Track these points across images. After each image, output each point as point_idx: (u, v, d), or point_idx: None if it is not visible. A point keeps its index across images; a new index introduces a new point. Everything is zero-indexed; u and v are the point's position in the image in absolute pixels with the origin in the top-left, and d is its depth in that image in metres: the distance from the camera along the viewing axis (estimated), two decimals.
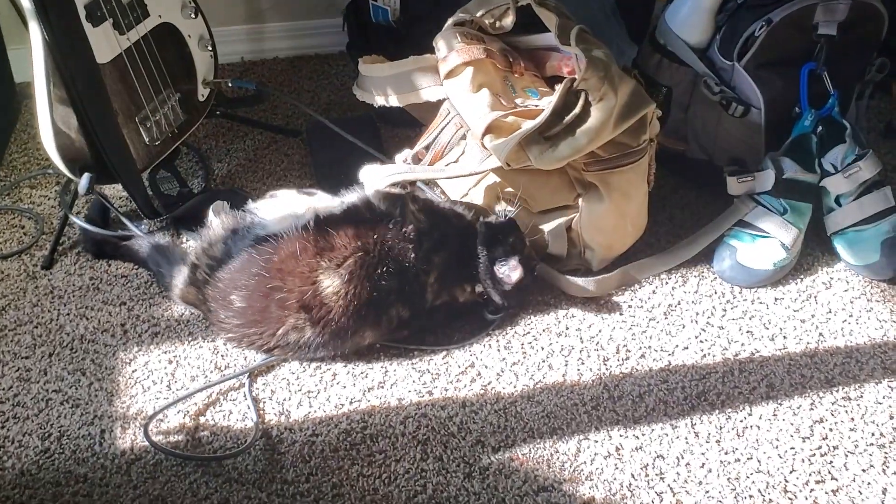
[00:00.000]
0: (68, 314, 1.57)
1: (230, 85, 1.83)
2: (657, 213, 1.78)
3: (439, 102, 1.65)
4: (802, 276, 1.69)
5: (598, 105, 1.46)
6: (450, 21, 1.67)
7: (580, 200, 1.59)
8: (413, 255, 1.46)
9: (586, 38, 1.55)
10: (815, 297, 1.65)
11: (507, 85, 1.59)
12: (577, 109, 1.47)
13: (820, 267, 1.72)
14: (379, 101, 1.69)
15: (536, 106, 1.54)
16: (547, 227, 1.61)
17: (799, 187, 1.67)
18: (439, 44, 1.62)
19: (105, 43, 1.56)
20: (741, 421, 1.43)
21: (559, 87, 1.49)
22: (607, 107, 1.47)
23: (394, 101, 1.69)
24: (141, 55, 1.64)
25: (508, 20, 1.66)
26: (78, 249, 1.69)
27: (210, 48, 1.80)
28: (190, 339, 1.53)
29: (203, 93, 1.82)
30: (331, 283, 1.42)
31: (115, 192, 1.78)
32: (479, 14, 1.65)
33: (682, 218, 1.80)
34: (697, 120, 1.81)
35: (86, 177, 1.60)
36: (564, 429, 1.41)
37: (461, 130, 1.58)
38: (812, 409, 1.45)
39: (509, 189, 1.59)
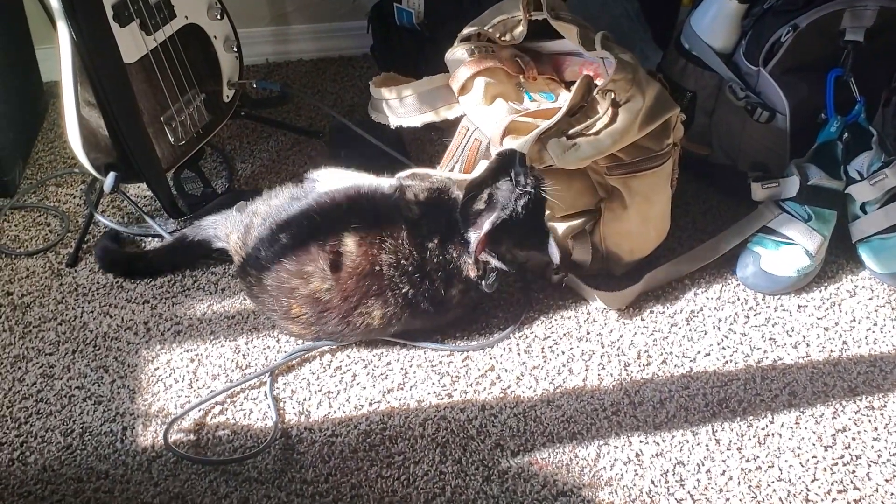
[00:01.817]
0: (92, 311, 1.58)
1: (255, 86, 1.84)
2: (680, 218, 1.77)
3: (458, 119, 1.64)
4: (826, 284, 1.68)
5: (625, 106, 1.46)
6: (458, 37, 1.66)
7: (602, 205, 1.59)
8: (417, 241, 1.45)
9: (610, 44, 1.55)
10: (839, 304, 1.64)
11: (520, 91, 1.60)
12: (604, 111, 1.46)
13: (844, 275, 1.70)
14: (394, 122, 1.69)
15: (553, 107, 1.53)
16: (570, 233, 1.60)
17: (824, 194, 1.66)
18: (449, 61, 1.63)
19: (132, 43, 1.58)
20: (763, 429, 1.42)
21: (575, 85, 1.48)
22: (634, 109, 1.46)
23: (410, 121, 1.68)
24: (167, 55, 1.65)
25: (518, 31, 1.66)
26: None
27: (235, 49, 1.82)
28: (212, 337, 1.54)
29: (228, 94, 1.83)
30: (349, 243, 1.43)
31: (139, 191, 1.79)
32: (487, 27, 1.65)
33: (705, 223, 1.79)
34: (722, 125, 1.80)
35: (111, 175, 1.62)
36: (584, 434, 1.40)
37: (484, 144, 1.57)
38: (835, 417, 1.44)
39: None
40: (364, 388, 1.47)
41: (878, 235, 1.67)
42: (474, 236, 1.42)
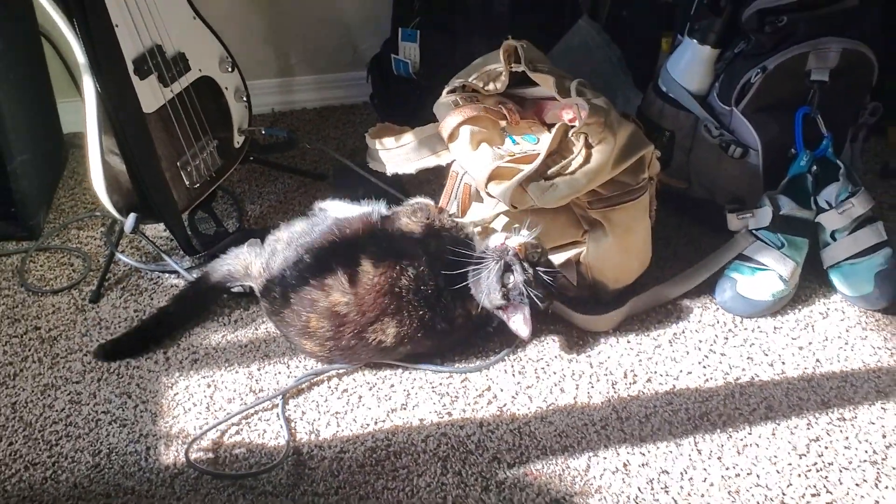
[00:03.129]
0: None
1: (263, 132, 1.97)
2: (662, 249, 1.90)
3: (450, 165, 1.77)
4: (800, 307, 1.80)
5: (597, 147, 1.59)
6: (445, 90, 1.80)
7: (586, 237, 1.71)
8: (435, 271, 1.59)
9: (585, 90, 1.68)
10: (813, 326, 1.75)
11: (504, 135, 1.72)
12: (578, 152, 1.59)
13: (817, 298, 1.82)
14: (391, 169, 1.82)
15: (534, 150, 1.66)
16: (557, 262, 1.71)
17: (795, 223, 1.78)
18: (438, 111, 1.76)
19: (150, 94, 1.71)
20: (741, 439, 1.52)
21: (545, 138, 1.61)
22: (606, 149, 1.59)
23: (405, 169, 1.81)
24: (182, 105, 1.78)
25: (500, 83, 1.79)
26: (123, 284, 1.82)
27: (245, 99, 1.95)
28: (227, 365, 1.65)
29: (238, 140, 1.96)
30: (366, 265, 1.57)
31: (155, 232, 1.91)
32: (472, 78, 1.78)
33: (686, 253, 1.91)
34: (699, 161, 1.93)
35: (132, 216, 1.74)
36: (575, 446, 1.51)
37: (474, 186, 1.70)
38: (809, 428, 1.55)
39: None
40: (370, 408, 1.57)
41: (848, 261, 1.78)
42: (522, 331, 1.57)
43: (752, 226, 1.80)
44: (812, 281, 1.85)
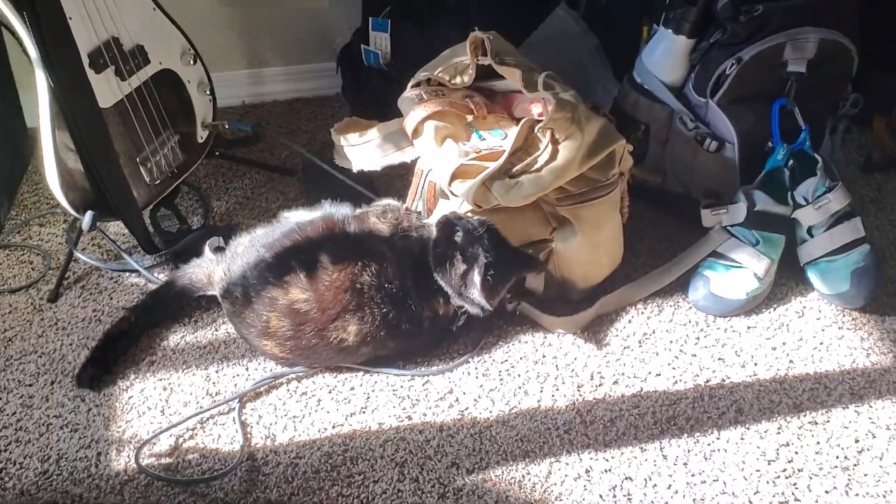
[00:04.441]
0: (71, 344, 1.65)
1: (227, 127, 1.92)
2: (636, 245, 1.85)
3: (415, 162, 1.72)
4: (776, 306, 1.75)
5: (564, 143, 1.54)
6: (410, 84, 1.75)
7: (555, 234, 1.66)
8: (401, 269, 1.56)
9: (553, 83, 1.63)
10: (788, 325, 1.71)
11: (470, 130, 1.68)
12: (544, 148, 1.54)
13: (793, 296, 1.77)
14: (356, 166, 1.77)
15: (500, 147, 1.61)
16: None
17: (771, 219, 1.73)
18: (402, 106, 1.71)
19: (107, 88, 1.66)
20: (709, 444, 1.48)
21: (513, 132, 1.56)
22: (574, 145, 1.54)
23: (370, 166, 1.75)
24: (142, 99, 1.74)
25: (467, 77, 1.74)
26: (83, 283, 1.78)
27: (208, 92, 1.90)
28: (184, 367, 1.61)
29: (202, 135, 1.92)
30: (325, 261, 1.53)
31: (118, 229, 1.87)
32: (437, 72, 1.73)
33: (660, 249, 1.86)
34: (674, 155, 1.88)
35: (89, 214, 1.70)
36: (537, 452, 1.47)
37: (440, 184, 1.65)
38: (779, 433, 1.50)
39: None
40: (328, 412, 1.53)
41: (825, 258, 1.73)
42: (475, 293, 1.52)
43: (726, 222, 1.75)
44: (788, 278, 1.80)
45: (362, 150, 1.76)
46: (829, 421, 1.53)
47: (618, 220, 1.72)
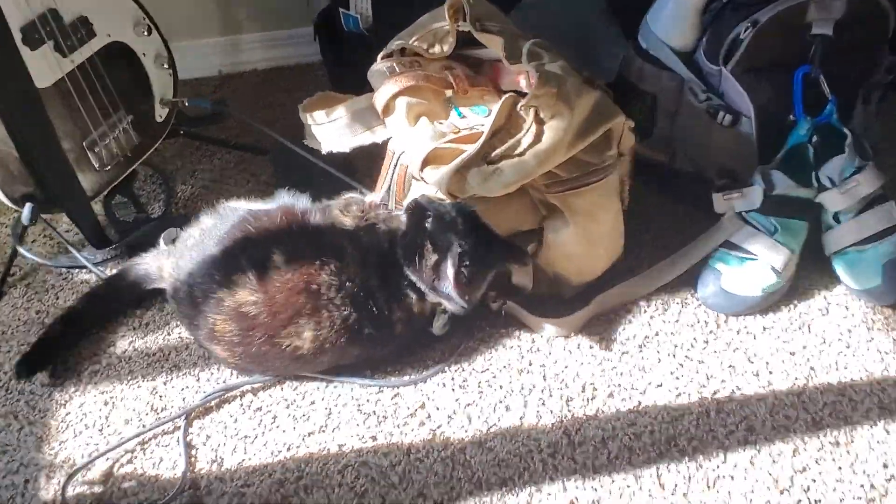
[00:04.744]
0: (9, 351, 1.50)
1: (187, 104, 1.75)
2: (640, 233, 1.65)
3: (387, 142, 1.53)
4: (796, 302, 1.54)
5: (549, 123, 1.34)
6: (380, 54, 1.55)
7: (544, 224, 1.47)
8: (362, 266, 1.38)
9: (540, 52, 1.42)
10: (809, 325, 1.50)
11: (448, 107, 1.48)
12: (527, 129, 1.34)
13: (816, 291, 1.56)
14: (326, 147, 1.57)
15: (482, 126, 1.42)
16: None
17: (792, 204, 1.52)
18: (372, 80, 1.52)
19: (45, 67, 1.49)
20: (713, 470, 1.30)
21: (498, 106, 1.37)
22: (561, 125, 1.34)
23: (339, 147, 1.55)
24: (87, 77, 1.56)
25: (447, 45, 1.53)
26: (28, 281, 1.63)
27: (167, 66, 1.72)
28: (129, 377, 1.45)
29: (161, 113, 1.74)
30: (277, 259, 1.36)
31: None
32: (413, 40, 1.53)
33: (668, 238, 1.65)
34: (685, 130, 1.67)
35: (28, 207, 1.55)
36: (515, 479, 1.29)
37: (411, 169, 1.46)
38: (794, 455, 1.31)
39: None
40: (284, 430, 1.37)
41: (854, 248, 1.53)
42: (447, 287, 1.34)
43: (740, 208, 1.54)
44: (811, 270, 1.59)
45: (330, 129, 1.57)
46: (853, 441, 1.33)
47: (617, 207, 1.52)
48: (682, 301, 1.55)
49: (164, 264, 1.48)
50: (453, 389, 1.42)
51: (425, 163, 1.39)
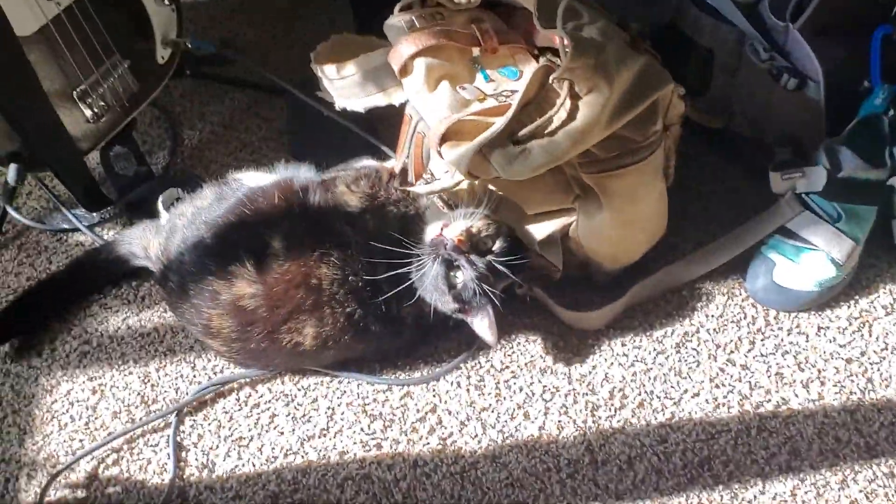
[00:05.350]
0: None
1: (189, 45, 1.58)
2: (688, 204, 1.47)
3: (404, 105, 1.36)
4: (857, 298, 1.38)
5: (585, 99, 1.16)
6: (399, 4, 1.36)
7: (577, 204, 1.31)
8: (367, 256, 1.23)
9: (579, 11, 1.23)
10: (871, 326, 1.34)
11: (474, 69, 1.30)
12: (560, 104, 1.17)
13: (882, 286, 1.39)
14: (339, 103, 1.39)
15: (511, 93, 1.24)
16: (538, 236, 1.32)
17: (860, 187, 1.34)
18: (389, 34, 1.33)
19: (27, 12, 1.34)
20: (749, 502, 1.17)
21: (529, 73, 1.19)
22: (598, 100, 1.16)
23: (352, 105, 1.37)
24: (74, 21, 1.41)
25: None
26: (20, 242, 1.52)
27: (168, 1, 1.55)
28: (120, 362, 1.35)
29: (163, 54, 1.58)
30: (277, 246, 1.23)
31: None
32: None
33: (721, 212, 1.47)
34: (745, 89, 1.47)
35: (13, 167, 1.43)
36: (530, 503, 1.18)
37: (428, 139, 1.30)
38: (842, 488, 1.17)
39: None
40: (282, 432, 1.26)
41: None
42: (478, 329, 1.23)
43: (801, 189, 1.36)
44: (879, 259, 1.41)
45: (341, 86, 1.40)
46: None
47: (661, 188, 1.34)
48: (729, 292, 1.39)
49: (150, 243, 1.35)
50: (468, 390, 1.29)
51: (444, 138, 1.22)
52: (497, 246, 1.21)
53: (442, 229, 1.20)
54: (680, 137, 1.37)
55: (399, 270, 1.19)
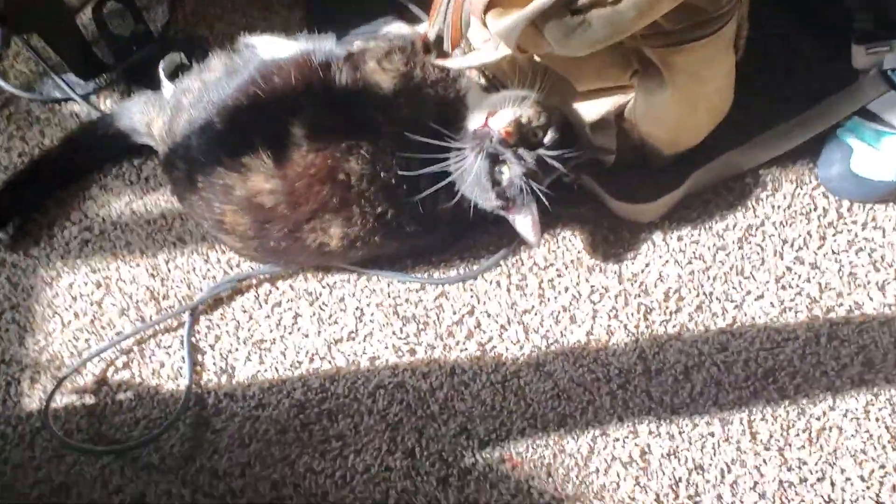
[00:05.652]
0: None
1: None
2: (751, 76, 1.30)
3: None
4: None
5: None
6: None
7: (636, 79, 1.16)
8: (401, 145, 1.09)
9: None
10: None
11: None
12: None
13: None
14: None
15: None
16: (588, 116, 1.18)
17: None
18: None
19: None
20: (818, 419, 1.08)
21: None
22: None
23: None
24: None
25: None
26: (9, 112, 1.37)
27: None
28: (126, 251, 1.23)
29: None
30: (297, 134, 1.09)
31: None
32: None
33: (789, 86, 1.31)
34: None
35: None
36: (577, 417, 1.09)
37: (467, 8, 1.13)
38: None
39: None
40: (306, 335, 1.16)
41: None
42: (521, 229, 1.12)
43: (887, 65, 1.20)
44: None
45: None
46: None
47: (730, 63, 1.18)
48: (798, 180, 1.25)
49: (153, 120, 1.20)
50: (509, 290, 1.18)
51: (490, 4, 1.06)
52: (549, 138, 1.07)
53: (487, 119, 1.05)
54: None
55: (437, 166, 1.05)
